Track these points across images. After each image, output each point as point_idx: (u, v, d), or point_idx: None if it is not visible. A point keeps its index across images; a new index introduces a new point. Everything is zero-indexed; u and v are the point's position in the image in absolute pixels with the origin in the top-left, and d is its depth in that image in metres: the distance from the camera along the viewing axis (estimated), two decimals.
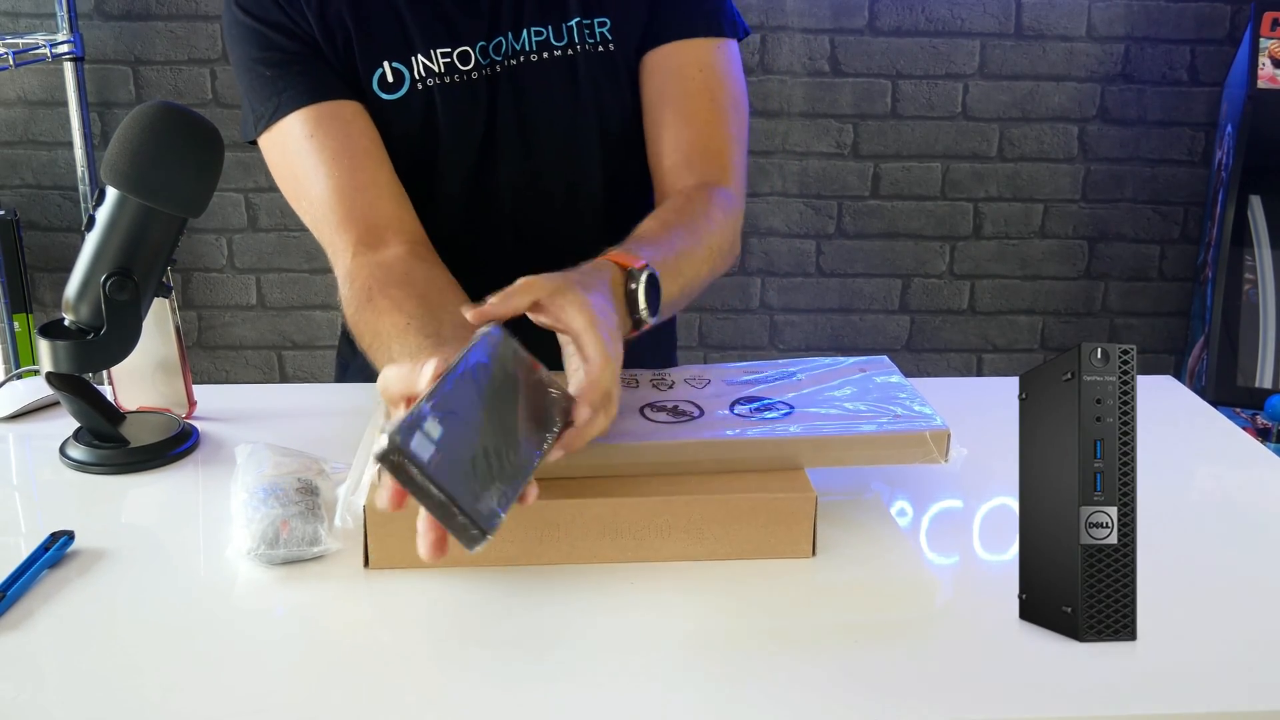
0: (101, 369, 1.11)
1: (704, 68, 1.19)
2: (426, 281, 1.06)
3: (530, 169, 1.20)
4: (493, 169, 1.20)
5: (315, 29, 1.13)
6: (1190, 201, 2.68)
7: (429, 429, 0.71)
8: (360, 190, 1.12)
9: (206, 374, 2.68)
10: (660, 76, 1.19)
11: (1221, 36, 2.57)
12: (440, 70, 1.15)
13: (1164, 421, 1.20)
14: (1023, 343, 2.76)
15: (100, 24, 2.44)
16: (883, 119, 2.59)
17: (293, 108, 1.12)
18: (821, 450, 0.94)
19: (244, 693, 0.75)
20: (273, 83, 1.13)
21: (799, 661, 0.79)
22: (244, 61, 1.14)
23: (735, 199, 1.17)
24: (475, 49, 1.16)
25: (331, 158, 1.11)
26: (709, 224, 1.10)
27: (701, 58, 1.19)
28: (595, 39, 1.18)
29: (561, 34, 1.17)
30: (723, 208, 1.13)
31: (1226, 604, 0.86)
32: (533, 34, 1.16)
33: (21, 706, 0.73)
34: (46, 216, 2.57)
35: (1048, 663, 0.79)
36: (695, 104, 1.18)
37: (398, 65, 1.15)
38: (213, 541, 0.93)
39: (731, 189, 1.17)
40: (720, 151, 1.18)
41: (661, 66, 1.19)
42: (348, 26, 1.14)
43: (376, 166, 1.13)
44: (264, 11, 1.13)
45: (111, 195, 1.00)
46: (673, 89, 1.18)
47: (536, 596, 0.86)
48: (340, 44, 1.14)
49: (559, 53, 1.17)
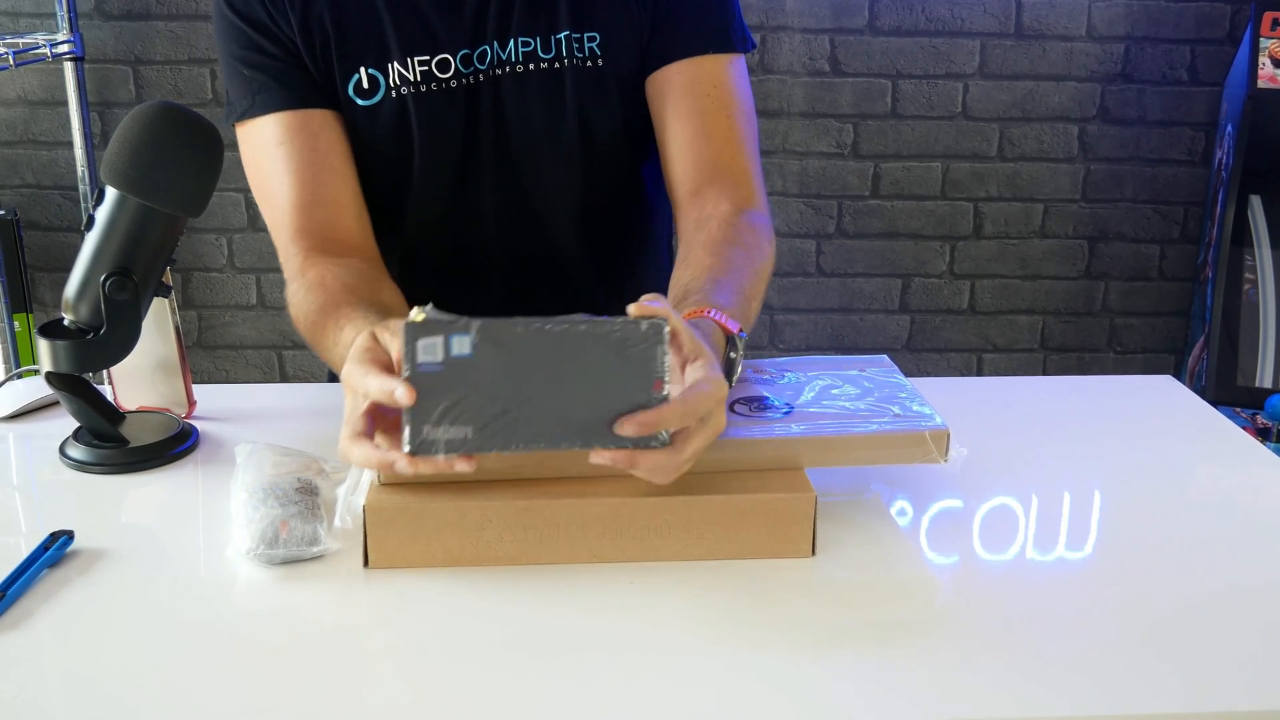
0: (101, 369, 1.11)
1: (718, 84, 1.18)
2: (374, 287, 1.09)
3: (510, 179, 1.20)
4: (473, 178, 1.20)
5: (297, 32, 1.13)
6: (1190, 201, 2.68)
7: (456, 342, 0.75)
8: (321, 205, 1.14)
9: (206, 374, 2.68)
10: (675, 93, 1.18)
11: (1221, 36, 2.57)
12: (416, 79, 1.14)
13: (1164, 421, 1.21)
14: (1023, 343, 2.76)
15: (100, 24, 2.44)
16: (883, 119, 2.59)
17: (266, 111, 1.14)
18: (821, 450, 0.94)
19: (244, 693, 0.75)
20: (250, 82, 1.15)
21: (799, 661, 0.79)
22: (225, 54, 1.16)
23: (769, 221, 1.18)
24: (456, 57, 1.15)
25: (297, 169, 1.13)
26: (763, 258, 1.12)
27: (715, 74, 1.18)
28: (584, 53, 1.17)
29: (550, 46, 1.16)
30: (767, 236, 1.15)
31: (1226, 604, 0.86)
32: (520, 44, 1.15)
33: (21, 706, 0.73)
34: (46, 216, 2.57)
35: (1048, 663, 0.79)
36: (713, 121, 1.18)
37: (373, 71, 1.14)
38: (213, 541, 0.93)
39: (764, 211, 1.18)
40: (744, 171, 1.18)
41: (675, 83, 1.18)
42: (327, 30, 1.14)
43: (341, 183, 1.15)
44: (249, 9, 1.14)
45: (111, 195, 1.00)
46: (688, 106, 1.18)
47: (536, 596, 0.86)
48: (319, 47, 1.14)
49: (545, 65, 1.16)
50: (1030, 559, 0.93)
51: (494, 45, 1.15)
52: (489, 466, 0.89)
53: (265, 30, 1.14)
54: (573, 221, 1.24)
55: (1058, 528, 0.98)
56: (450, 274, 1.25)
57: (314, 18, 1.13)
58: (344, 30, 1.14)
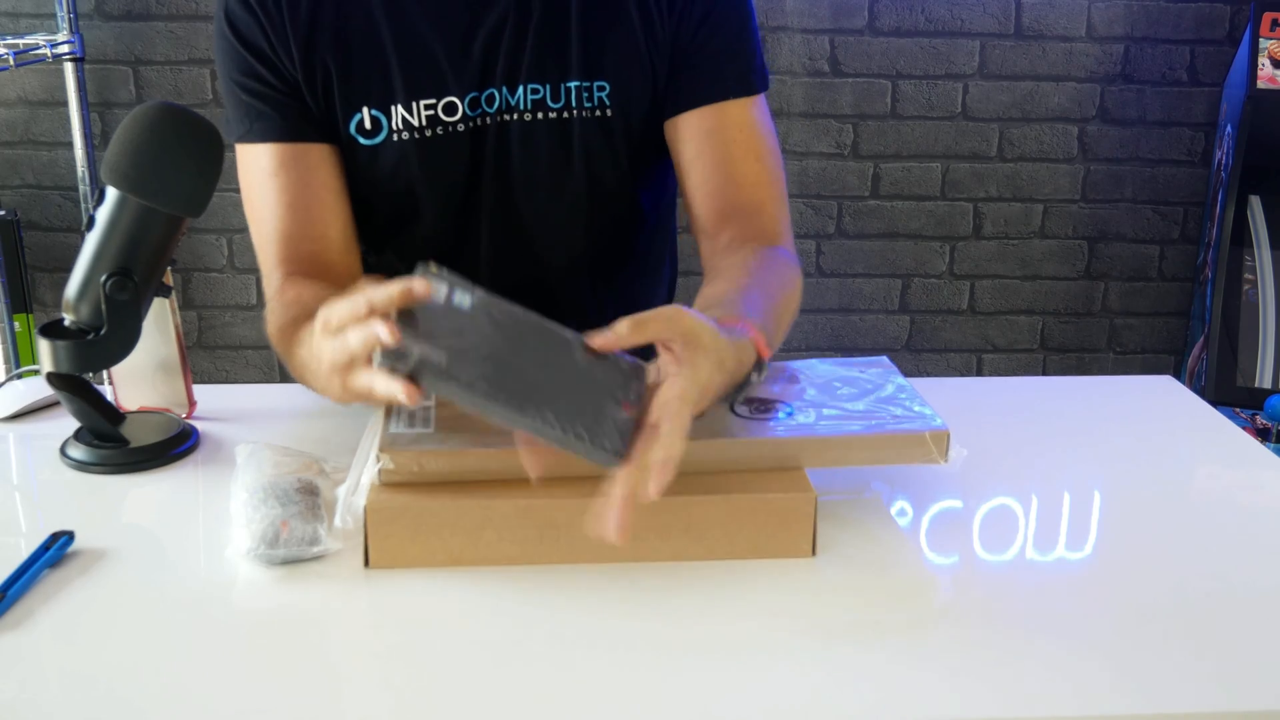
0: (101, 369, 1.11)
1: (744, 128, 1.18)
2: None
3: (510, 218, 1.19)
4: (473, 214, 1.19)
5: (299, 66, 1.12)
6: (1190, 201, 2.69)
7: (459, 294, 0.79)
8: (309, 240, 1.14)
9: (206, 374, 2.68)
10: (698, 139, 1.17)
11: (1221, 36, 2.57)
12: (421, 123, 1.13)
13: (1164, 421, 1.21)
14: (1023, 343, 2.76)
15: (100, 24, 2.44)
16: (883, 119, 2.59)
17: (262, 139, 1.14)
18: (821, 450, 0.94)
19: (244, 692, 0.75)
20: (248, 108, 1.14)
21: (799, 661, 0.79)
22: (225, 75, 1.15)
23: (798, 261, 1.17)
24: (464, 101, 1.14)
25: (288, 203, 1.14)
26: (794, 286, 1.11)
27: (740, 118, 1.18)
28: (593, 103, 1.15)
29: (559, 95, 1.15)
30: (796, 271, 1.13)
31: (1226, 604, 0.86)
32: (529, 91, 1.14)
33: (21, 706, 0.73)
34: (46, 216, 2.57)
35: (1048, 663, 0.79)
36: (741, 168, 1.17)
37: (376, 113, 1.14)
38: (213, 541, 0.93)
39: (793, 250, 1.17)
40: (773, 215, 1.18)
41: (700, 129, 1.17)
42: (330, 68, 1.13)
43: (331, 218, 1.15)
44: (251, 36, 1.12)
45: (111, 195, 1.00)
46: (714, 154, 1.17)
47: (536, 596, 0.86)
48: (321, 84, 1.13)
49: (554, 115, 1.15)
50: (1030, 559, 0.93)
51: (503, 90, 1.14)
52: (490, 467, 0.90)
53: (265, 60, 1.13)
54: (570, 255, 1.24)
55: (1058, 528, 0.98)
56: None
57: (317, 54, 1.12)
58: (349, 68, 1.13)
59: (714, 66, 1.16)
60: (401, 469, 0.89)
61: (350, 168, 1.16)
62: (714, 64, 1.16)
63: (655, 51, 1.16)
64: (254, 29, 1.12)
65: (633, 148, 1.19)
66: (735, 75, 1.17)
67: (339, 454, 1.02)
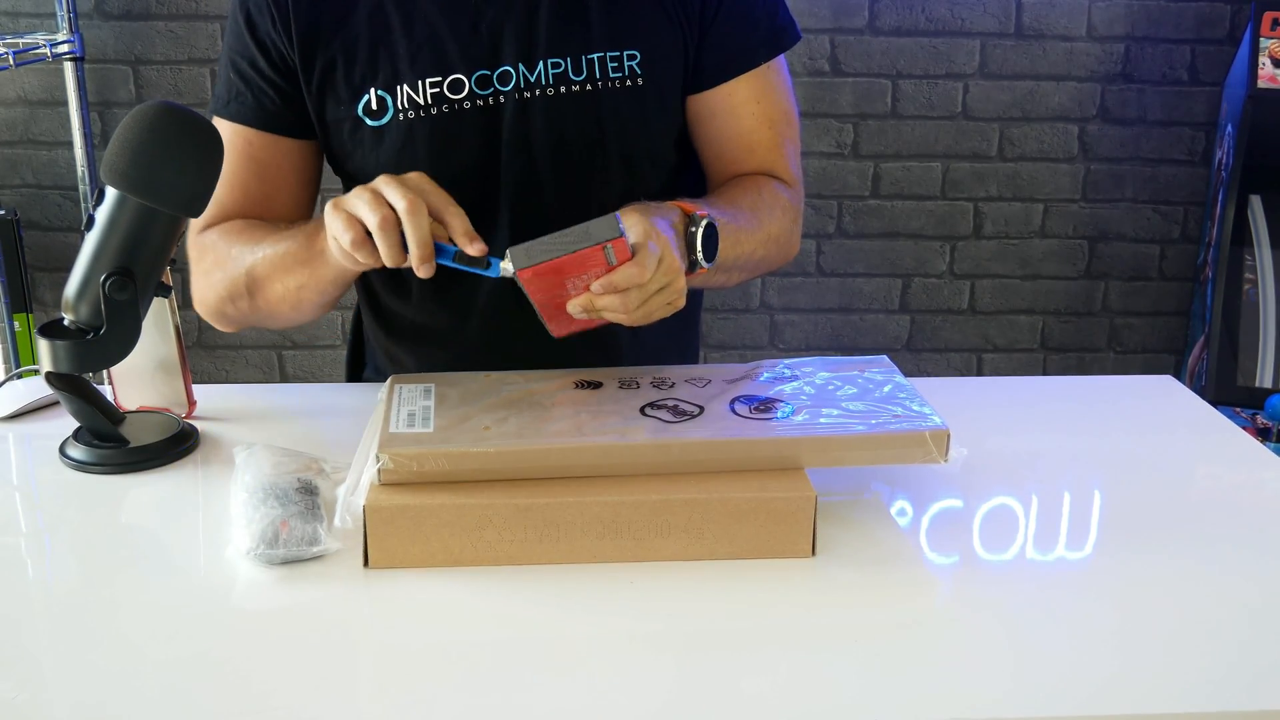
0: (101, 369, 1.11)
1: (761, 98, 1.19)
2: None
3: (535, 204, 1.18)
4: (490, 198, 1.18)
5: (296, 52, 1.14)
6: (1190, 201, 2.68)
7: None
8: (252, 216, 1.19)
9: (206, 374, 2.68)
10: (719, 119, 1.20)
11: (1221, 36, 2.57)
12: (426, 101, 1.13)
13: (1164, 421, 1.21)
14: (1023, 343, 2.76)
15: (100, 24, 2.44)
16: (883, 119, 2.59)
17: (233, 119, 1.17)
18: (821, 450, 0.94)
19: (244, 693, 0.75)
20: (233, 86, 1.18)
21: (799, 661, 0.79)
22: (225, 45, 1.19)
23: (796, 198, 1.20)
24: (471, 78, 1.13)
25: (240, 184, 1.18)
26: (770, 212, 1.15)
27: (758, 88, 1.19)
28: (624, 72, 1.14)
29: (581, 67, 1.14)
30: (784, 204, 1.18)
31: (1226, 604, 0.86)
32: (550, 65, 1.13)
33: (21, 706, 0.73)
34: (46, 216, 2.57)
35: (1048, 663, 0.79)
36: (756, 138, 1.20)
37: (382, 93, 1.14)
38: (213, 541, 0.93)
39: (798, 193, 1.21)
40: (786, 169, 1.22)
41: (721, 108, 1.19)
42: (334, 55, 1.13)
43: (278, 210, 1.19)
44: (260, 18, 1.14)
45: (111, 195, 1.00)
46: (733, 128, 1.20)
47: (537, 596, 0.86)
48: (320, 71, 1.14)
49: (577, 87, 1.14)
50: (1030, 559, 0.93)
51: (519, 68, 1.13)
52: (490, 467, 0.90)
53: (262, 45, 1.15)
54: None
55: (1058, 528, 0.98)
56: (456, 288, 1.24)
57: (320, 42, 1.13)
58: (354, 53, 1.14)
59: (741, 35, 1.18)
60: (401, 469, 0.89)
61: (360, 151, 1.17)
62: (741, 32, 1.17)
63: (686, 20, 1.16)
64: (262, 9, 1.14)
65: (669, 117, 1.19)
66: (761, 39, 1.19)
67: (339, 454, 1.02)
